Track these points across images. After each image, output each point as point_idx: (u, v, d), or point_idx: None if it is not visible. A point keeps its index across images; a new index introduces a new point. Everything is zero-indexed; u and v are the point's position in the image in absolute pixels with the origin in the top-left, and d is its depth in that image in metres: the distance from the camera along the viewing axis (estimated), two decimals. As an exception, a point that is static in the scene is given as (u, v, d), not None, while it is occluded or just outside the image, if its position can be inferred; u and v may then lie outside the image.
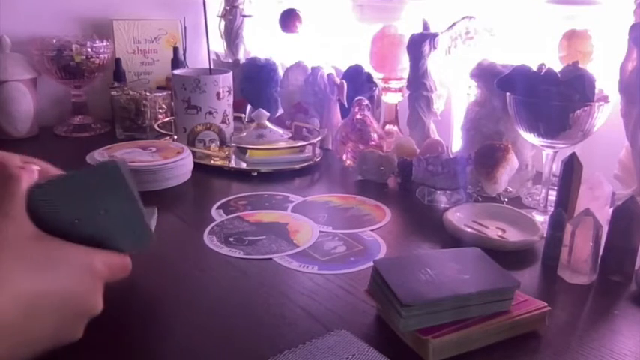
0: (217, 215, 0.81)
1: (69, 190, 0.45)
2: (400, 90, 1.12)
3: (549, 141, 0.74)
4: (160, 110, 1.23)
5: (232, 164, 1.02)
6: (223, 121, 1.08)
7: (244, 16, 1.43)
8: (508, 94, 0.75)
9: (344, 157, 1.04)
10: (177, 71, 1.11)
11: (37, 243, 0.41)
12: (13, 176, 0.43)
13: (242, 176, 0.99)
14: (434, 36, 0.98)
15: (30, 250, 0.40)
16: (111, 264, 0.45)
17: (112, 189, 0.47)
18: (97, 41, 1.25)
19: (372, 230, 0.77)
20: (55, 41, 1.21)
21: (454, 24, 0.98)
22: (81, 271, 0.42)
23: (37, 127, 1.24)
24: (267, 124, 1.09)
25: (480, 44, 0.97)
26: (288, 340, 0.50)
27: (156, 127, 1.15)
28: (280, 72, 1.31)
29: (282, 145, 1.06)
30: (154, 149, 0.93)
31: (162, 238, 0.74)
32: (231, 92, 1.09)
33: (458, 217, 0.77)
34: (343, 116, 1.11)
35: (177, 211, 0.82)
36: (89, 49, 1.23)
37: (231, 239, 0.72)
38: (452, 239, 0.73)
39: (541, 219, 0.77)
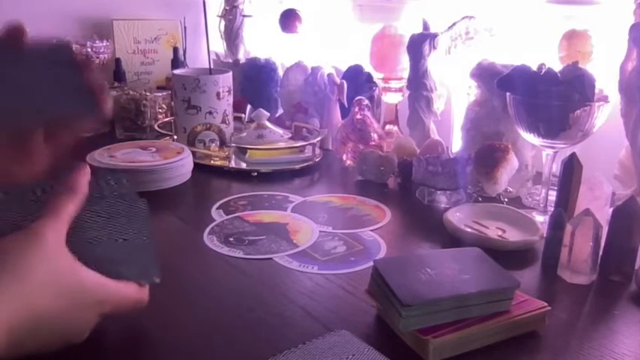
0: (217, 215, 0.81)
1: (97, 211, 0.48)
2: (400, 90, 1.12)
3: (549, 141, 0.74)
4: (160, 110, 1.23)
5: (232, 164, 1.02)
6: (223, 121, 1.08)
7: (244, 16, 1.43)
8: (508, 94, 0.75)
9: (344, 157, 1.04)
10: (177, 71, 1.11)
11: (67, 261, 0.43)
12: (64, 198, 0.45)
13: (242, 176, 0.99)
14: (434, 36, 0.98)
15: (61, 267, 0.42)
16: (119, 304, 0.47)
17: (137, 222, 0.50)
18: (97, 41, 1.26)
19: (372, 230, 0.77)
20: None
21: (454, 24, 0.98)
22: (91, 309, 0.45)
23: (37, 127, 1.24)
24: (267, 124, 1.09)
25: (480, 44, 0.97)
26: (288, 340, 0.50)
27: (156, 127, 1.15)
28: (280, 72, 1.31)
29: (282, 145, 1.06)
30: (153, 149, 0.93)
31: (163, 238, 0.74)
32: (231, 92, 1.09)
33: (458, 217, 0.77)
34: (343, 116, 1.11)
35: (177, 211, 0.82)
36: (89, 49, 1.23)
37: (231, 239, 0.72)
38: (452, 239, 0.73)
39: (541, 219, 0.77)
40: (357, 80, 1.13)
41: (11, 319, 0.39)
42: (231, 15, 1.42)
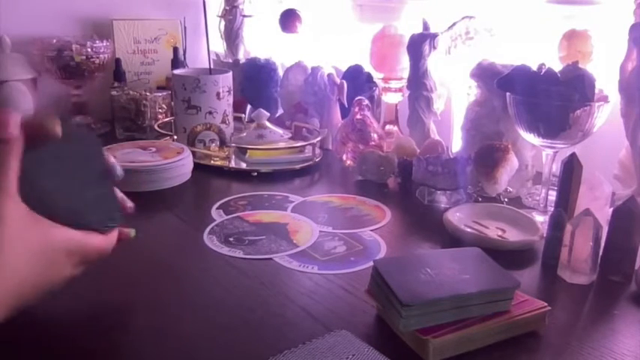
0: (217, 215, 0.81)
1: (59, 160, 0.47)
2: (400, 90, 1.12)
3: (549, 141, 0.74)
4: (160, 110, 1.23)
5: (232, 164, 1.02)
6: (223, 121, 1.08)
7: (244, 16, 1.43)
8: (508, 94, 0.75)
9: (344, 157, 1.04)
10: (177, 71, 1.11)
11: (32, 226, 0.43)
12: (6, 150, 0.43)
13: (242, 176, 0.99)
14: (434, 36, 0.98)
15: (27, 235, 0.42)
16: (89, 253, 0.49)
17: (91, 159, 0.51)
18: (97, 41, 1.25)
19: (372, 230, 0.77)
20: (55, 41, 1.21)
21: (454, 24, 0.98)
22: (64, 264, 0.46)
23: (37, 127, 1.23)
24: (267, 124, 1.09)
25: (480, 44, 0.97)
26: (288, 340, 0.50)
27: (156, 127, 1.15)
28: (280, 72, 1.31)
29: (282, 145, 1.06)
30: (153, 149, 0.93)
31: (163, 238, 0.74)
32: (231, 92, 1.09)
33: (458, 217, 0.77)
34: (343, 116, 1.11)
35: (177, 211, 0.82)
36: (89, 49, 1.23)
37: (231, 239, 0.72)
38: (452, 239, 0.73)
39: (541, 219, 0.77)
40: (357, 80, 1.13)
41: (7, 301, 0.41)
42: (231, 15, 1.42)
